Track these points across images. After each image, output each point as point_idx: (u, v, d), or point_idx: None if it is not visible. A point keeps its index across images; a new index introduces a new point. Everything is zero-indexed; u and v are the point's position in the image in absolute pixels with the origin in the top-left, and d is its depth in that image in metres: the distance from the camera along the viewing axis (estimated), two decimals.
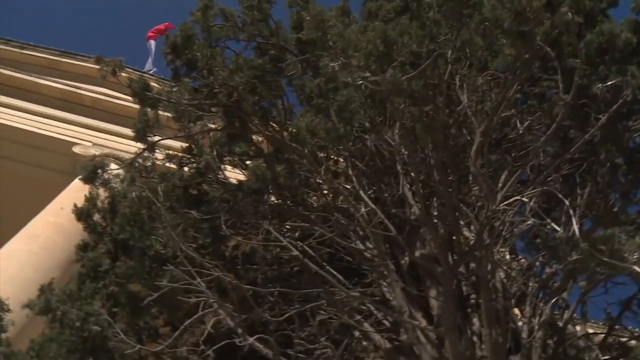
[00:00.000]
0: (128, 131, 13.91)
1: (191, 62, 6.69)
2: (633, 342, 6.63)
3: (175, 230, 4.83)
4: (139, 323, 5.62)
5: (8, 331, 5.23)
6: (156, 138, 5.63)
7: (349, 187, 5.73)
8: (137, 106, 14.32)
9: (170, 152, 6.10)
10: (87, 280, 5.58)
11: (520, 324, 6.19)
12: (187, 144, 6.19)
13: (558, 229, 5.15)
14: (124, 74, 15.55)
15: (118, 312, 5.59)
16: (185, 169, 6.47)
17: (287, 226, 5.77)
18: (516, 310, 6.61)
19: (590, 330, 7.53)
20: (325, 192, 5.92)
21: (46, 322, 5.93)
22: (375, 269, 5.67)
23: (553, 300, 5.30)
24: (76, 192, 12.60)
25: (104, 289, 5.79)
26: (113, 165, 12.75)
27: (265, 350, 4.57)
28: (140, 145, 13.72)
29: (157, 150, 6.51)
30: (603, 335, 6.64)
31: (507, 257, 7.13)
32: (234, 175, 7.10)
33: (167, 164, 6.60)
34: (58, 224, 11.80)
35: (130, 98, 14.70)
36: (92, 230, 5.87)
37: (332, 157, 5.70)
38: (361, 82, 4.74)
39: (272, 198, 6.41)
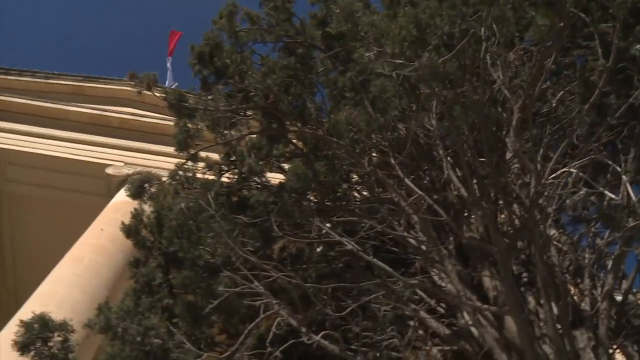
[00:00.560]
0: (157, 148, 14.27)
1: (219, 71, 6.74)
2: None
3: (227, 237, 4.85)
4: (196, 333, 5.66)
5: (74, 351, 5.32)
6: (191, 150, 5.63)
7: (391, 176, 5.69)
8: (164, 122, 14.59)
9: (207, 161, 6.12)
10: (143, 295, 5.65)
11: (578, 298, 6.09)
12: (224, 152, 6.21)
13: (613, 196, 5.03)
14: (147, 92, 15.77)
15: (176, 324, 5.64)
16: (224, 178, 6.50)
17: (331, 222, 5.74)
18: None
19: None
20: (368, 184, 5.89)
21: (105, 340, 6.02)
22: (426, 256, 5.62)
23: (614, 270, 5.18)
24: (114, 212, 12.88)
25: (159, 302, 5.85)
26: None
27: (330, 346, 4.56)
28: (171, 160, 13.82)
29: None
30: None
31: (554, 231, 7.02)
32: (270, 177, 7.14)
33: (205, 174, 6.63)
34: (100, 245, 12.04)
35: (156, 115, 15.06)
36: (141, 245, 5.94)
37: (372, 148, 5.66)
38: (395, 70, 4.72)
39: (312, 196, 6.41)
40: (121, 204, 12.94)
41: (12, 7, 37.91)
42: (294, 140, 5.76)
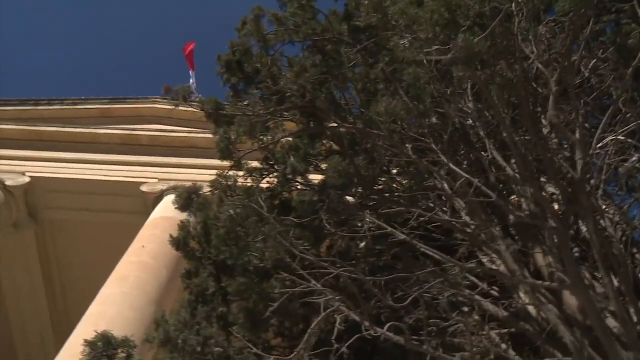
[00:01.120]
0: (189, 161, 14.42)
1: (249, 77, 6.78)
2: None
3: (278, 239, 4.86)
4: (254, 339, 5.68)
5: None
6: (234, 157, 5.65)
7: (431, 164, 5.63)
8: (193, 135, 14.70)
9: (247, 168, 6.15)
10: (198, 305, 5.70)
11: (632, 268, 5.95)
12: (262, 157, 6.24)
13: None
14: (168, 106, 15.90)
15: (234, 331, 5.68)
16: (263, 184, 6.52)
17: (378, 215, 5.71)
18: None
19: None
20: (410, 174, 5.85)
21: (164, 353, 6.09)
22: (477, 239, 5.56)
23: None
24: (153, 229, 13.06)
25: (214, 311, 5.89)
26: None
27: (396, 337, 4.54)
28: (204, 171, 13.94)
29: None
30: None
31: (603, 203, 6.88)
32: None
33: (245, 181, 6.66)
34: (142, 262, 12.20)
35: (185, 129, 15.19)
36: (191, 257, 6.00)
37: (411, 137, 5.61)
38: (428, 57, 4.68)
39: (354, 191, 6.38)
40: (159, 220, 13.12)
41: (37, 41, 38.81)
42: (332, 137, 5.74)
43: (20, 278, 15.25)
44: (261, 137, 6.10)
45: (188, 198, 5.71)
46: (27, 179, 14.00)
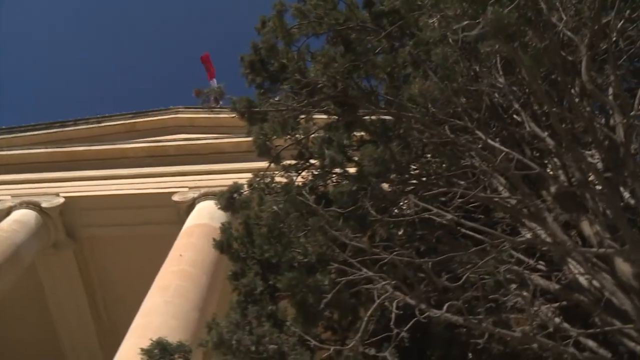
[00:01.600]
0: (217, 167, 14.50)
1: (273, 75, 6.78)
2: None
3: (325, 229, 4.86)
4: (308, 333, 5.66)
5: None
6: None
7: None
8: (218, 141, 14.76)
9: (282, 164, 6.16)
10: (249, 305, 5.72)
11: None
12: (296, 152, 6.24)
13: None
14: (190, 115, 16.04)
15: (286, 327, 5.69)
16: (298, 181, 6.52)
17: (420, 198, 5.66)
18: None
19: None
20: (447, 154, 5.79)
21: (219, 356, 6.12)
22: (520, 214, 5.49)
23: None
24: (188, 237, 13.18)
25: (264, 309, 5.91)
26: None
27: (454, 317, 4.51)
28: (232, 176, 13.95)
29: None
30: None
31: None
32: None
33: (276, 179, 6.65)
34: (181, 270, 12.30)
35: (209, 135, 15.27)
36: (235, 258, 6.03)
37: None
38: (457, 35, 4.63)
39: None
40: (193, 227, 13.24)
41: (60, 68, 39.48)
42: (365, 126, 5.71)
43: (65, 297, 15.55)
44: (294, 133, 6.10)
45: (230, 198, 5.74)
46: (62, 200, 14.26)
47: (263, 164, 11.16)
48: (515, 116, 6.49)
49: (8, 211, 13.95)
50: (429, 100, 4.69)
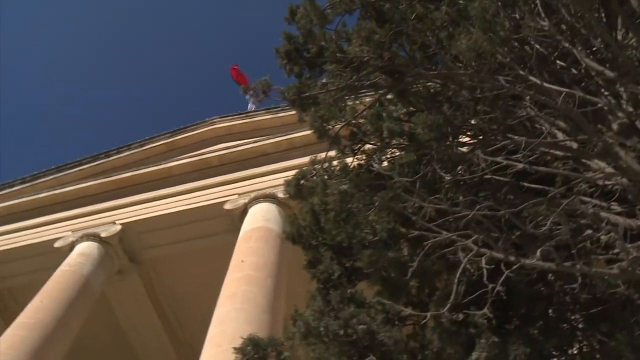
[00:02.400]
0: (262, 169, 14.58)
1: (311, 62, 6.77)
2: None
3: (402, 196, 4.82)
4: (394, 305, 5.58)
5: None
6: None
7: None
8: (258, 144, 14.80)
9: (338, 144, 6.14)
10: (329, 291, 5.73)
11: None
12: (349, 132, 6.22)
13: None
14: (227, 124, 16.14)
15: (367, 307, 5.67)
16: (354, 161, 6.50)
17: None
18: None
19: None
20: (501, 107, 5.67)
21: (305, 346, 6.14)
22: (586, 154, 5.33)
23: None
24: (246, 242, 13.29)
25: (344, 293, 5.90)
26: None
27: (546, 264, 4.41)
28: (279, 175, 13.96)
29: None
30: None
31: None
32: None
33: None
34: (246, 276, 12.39)
35: (248, 140, 15.33)
36: (308, 247, 6.04)
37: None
38: None
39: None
40: (250, 232, 13.36)
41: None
42: (418, 92, 5.63)
43: (138, 320, 15.92)
44: (343, 115, 6.08)
45: (297, 184, 5.75)
46: (119, 227, 14.60)
47: (305, 159, 11.16)
48: (558, 62, 6.33)
49: (71, 246, 14.37)
50: (477, 54, 4.58)
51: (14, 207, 15.89)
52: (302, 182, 5.72)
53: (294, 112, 15.70)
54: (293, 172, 13.76)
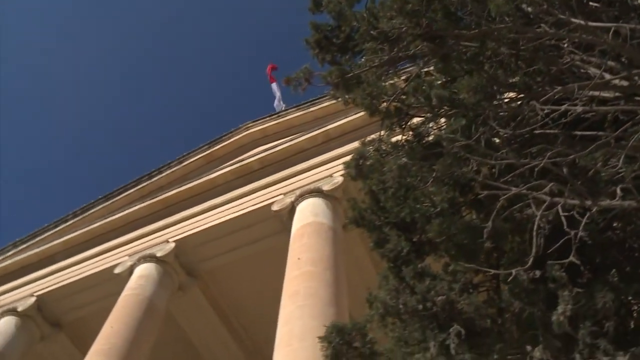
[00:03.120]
0: (302, 166, 14.59)
1: (343, 46, 6.76)
2: None
3: (465, 157, 4.78)
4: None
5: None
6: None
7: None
8: (295, 141, 14.81)
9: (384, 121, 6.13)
10: (402, 267, 5.70)
11: None
12: (394, 108, 6.18)
13: None
14: (260, 127, 16.20)
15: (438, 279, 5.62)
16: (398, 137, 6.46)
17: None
18: None
19: None
20: (545, 58, 5.56)
21: (381, 329, 6.13)
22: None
23: None
24: (299, 239, 13.31)
25: (414, 269, 5.87)
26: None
27: (626, 203, 4.31)
28: (320, 169, 13.91)
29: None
30: None
31: None
32: None
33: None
34: (305, 272, 12.42)
35: (284, 139, 15.37)
36: (372, 228, 6.04)
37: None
38: None
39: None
40: (302, 229, 13.39)
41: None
42: (460, 55, 5.55)
43: (204, 332, 16.18)
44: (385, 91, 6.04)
45: (357, 165, 5.75)
46: (172, 244, 14.85)
47: (343, 149, 11.11)
48: (592, 3, 6.16)
49: (130, 270, 14.69)
50: (515, 6, 4.49)
51: (70, 241, 16.34)
52: (361, 162, 5.71)
53: (324, 105, 15.75)
54: (334, 164, 13.73)
